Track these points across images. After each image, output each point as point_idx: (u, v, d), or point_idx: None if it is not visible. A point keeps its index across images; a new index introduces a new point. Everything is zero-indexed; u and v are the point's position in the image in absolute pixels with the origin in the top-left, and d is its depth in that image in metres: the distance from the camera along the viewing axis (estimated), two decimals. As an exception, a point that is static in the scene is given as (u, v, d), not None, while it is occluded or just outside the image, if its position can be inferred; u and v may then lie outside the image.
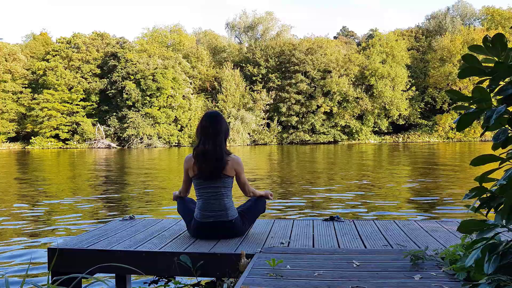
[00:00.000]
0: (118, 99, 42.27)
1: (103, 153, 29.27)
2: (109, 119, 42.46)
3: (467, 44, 44.32)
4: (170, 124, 42.32)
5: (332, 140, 44.98)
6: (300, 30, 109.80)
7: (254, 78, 46.02)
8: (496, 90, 1.56)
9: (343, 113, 45.18)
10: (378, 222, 3.46)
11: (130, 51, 43.88)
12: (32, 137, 43.23)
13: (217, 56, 50.03)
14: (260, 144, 43.56)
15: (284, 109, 44.68)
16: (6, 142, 43.92)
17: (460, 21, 50.01)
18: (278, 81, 45.62)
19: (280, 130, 45.39)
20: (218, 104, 43.19)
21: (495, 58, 1.53)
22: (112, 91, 42.61)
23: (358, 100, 45.00)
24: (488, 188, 1.67)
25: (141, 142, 40.91)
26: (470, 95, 1.60)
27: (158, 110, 41.47)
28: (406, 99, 45.81)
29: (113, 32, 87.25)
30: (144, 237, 3.04)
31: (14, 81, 44.64)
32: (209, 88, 47.03)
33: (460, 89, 41.67)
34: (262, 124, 44.70)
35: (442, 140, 44.59)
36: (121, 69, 42.25)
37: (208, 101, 44.76)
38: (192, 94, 44.28)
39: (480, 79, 1.59)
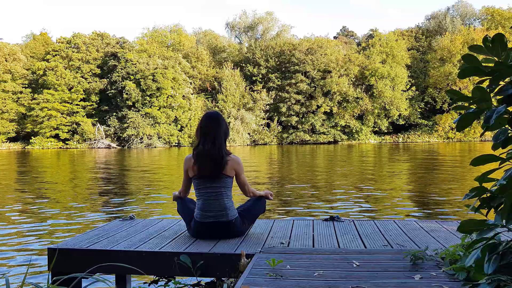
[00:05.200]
0: (118, 99, 42.27)
1: (103, 153, 29.27)
2: (109, 119, 42.47)
3: (467, 44, 44.31)
4: (170, 124, 42.32)
5: (332, 140, 44.99)
6: (300, 30, 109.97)
7: (254, 78, 46.03)
8: (496, 90, 1.56)
9: (343, 113, 45.19)
10: (378, 222, 3.46)
11: (130, 51, 43.88)
12: (32, 137, 43.24)
13: (217, 56, 50.04)
14: (260, 144, 43.55)
15: (284, 109, 44.69)
16: (6, 142, 43.92)
17: (460, 21, 50.00)
18: (278, 81, 45.63)
19: (280, 130, 45.39)
20: (218, 104, 43.19)
21: (495, 58, 1.53)
22: (112, 91, 42.61)
23: (358, 100, 45.01)
24: (488, 188, 1.67)
25: (141, 142, 40.91)
26: (470, 95, 1.60)
27: (158, 110, 41.48)
28: (406, 99, 45.81)
29: (113, 32, 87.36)
30: (144, 237, 3.04)
31: (14, 81, 44.64)
32: (209, 88, 47.04)
33: (460, 89, 41.66)
34: (262, 124, 44.70)
35: (442, 140, 44.59)
36: (121, 69, 42.26)
37: (208, 101, 44.76)
38: (192, 94, 44.28)
39: (480, 79, 1.59)
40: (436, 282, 1.92)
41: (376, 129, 46.42)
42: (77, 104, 44.01)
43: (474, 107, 1.59)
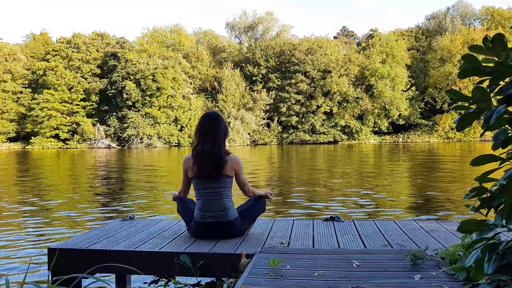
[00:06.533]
0: (118, 99, 42.26)
1: (103, 153, 29.26)
2: (109, 119, 42.45)
3: (467, 44, 44.30)
4: (170, 124, 42.31)
5: (332, 140, 44.99)
6: (300, 30, 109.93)
7: (254, 78, 46.02)
8: (496, 90, 1.56)
9: (343, 113, 45.18)
10: (378, 222, 3.46)
11: (130, 51, 43.86)
12: (32, 137, 43.22)
13: (217, 56, 50.03)
14: (260, 144, 43.55)
15: (284, 109, 44.70)
16: (6, 142, 43.90)
17: (460, 21, 50.00)
18: (278, 81, 45.63)
19: (280, 130, 45.39)
20: (218, 104, 43.18)
21: (495, 58, 1.53)
22: (112, 91, 42.60)
23: (358, 100, 45.01)
24: (488, 188, 1.67)
25: (141, 142, 40.90)
26: (470, 95, 1.60)
27: (158, 110, 41.46)
28: (406, 99, 45.81)
29: (113, 32, 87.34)
30: (144, 237, 3.04)
31: (14, 81, 44.61)
32: (209, 88, 47.03)
33: (460, 89, 41.65)
34: (262, 124, 44.70)
35: (442, 140, 44.58)
36: (121, 69, 42.24)
37: (208, 101, 44.75)
38: (192, 94, 44.27)
39: (480, 79, 1.59)
40: (436, 282, 1.92)
41: (376, 129, 46.42)
42: (77, 104, 43.99)
43: (474, 107, 1.59)
